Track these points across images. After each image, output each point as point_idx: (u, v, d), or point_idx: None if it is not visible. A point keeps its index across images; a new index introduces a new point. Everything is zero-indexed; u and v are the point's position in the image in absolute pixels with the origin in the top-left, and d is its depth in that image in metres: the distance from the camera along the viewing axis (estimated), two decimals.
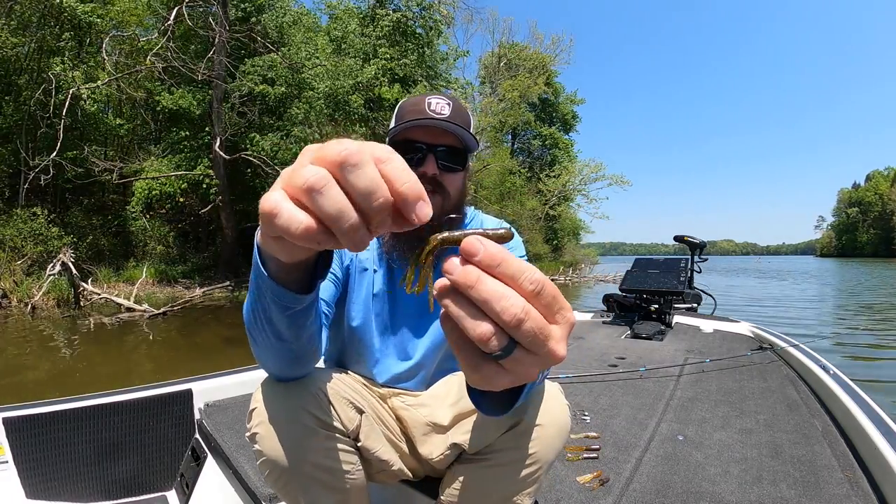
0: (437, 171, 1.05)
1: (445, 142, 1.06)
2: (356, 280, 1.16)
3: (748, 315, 10.12)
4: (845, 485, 1.45)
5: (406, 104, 1.09)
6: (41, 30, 13.74)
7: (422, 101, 1.06)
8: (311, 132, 14.22)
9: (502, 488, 1.02)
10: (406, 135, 1.06)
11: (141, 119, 16.95)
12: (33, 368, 6.02)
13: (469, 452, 1.03)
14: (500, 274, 0.37)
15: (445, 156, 1.07)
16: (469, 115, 1.11)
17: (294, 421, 0.87)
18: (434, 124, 1.04)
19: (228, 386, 2.21)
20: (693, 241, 5.32)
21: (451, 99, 1.08)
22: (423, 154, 1.06)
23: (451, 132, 1.05)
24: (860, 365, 5.98)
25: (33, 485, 1.74)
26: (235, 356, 6.62)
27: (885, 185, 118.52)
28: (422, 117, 1.04)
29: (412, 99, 1.09)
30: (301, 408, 0.87)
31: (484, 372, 0.40)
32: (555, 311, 0.38)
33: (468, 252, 0.37)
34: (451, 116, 1.05)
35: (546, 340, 0.37)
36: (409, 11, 19.60)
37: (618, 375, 2.70)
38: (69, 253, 10.97)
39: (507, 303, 0.35)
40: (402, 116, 1.08)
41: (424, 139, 1.06)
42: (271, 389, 0.90)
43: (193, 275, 15.40)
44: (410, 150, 1.06)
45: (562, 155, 38.65)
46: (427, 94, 1.08)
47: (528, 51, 34.37)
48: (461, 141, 1.08)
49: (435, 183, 1.06)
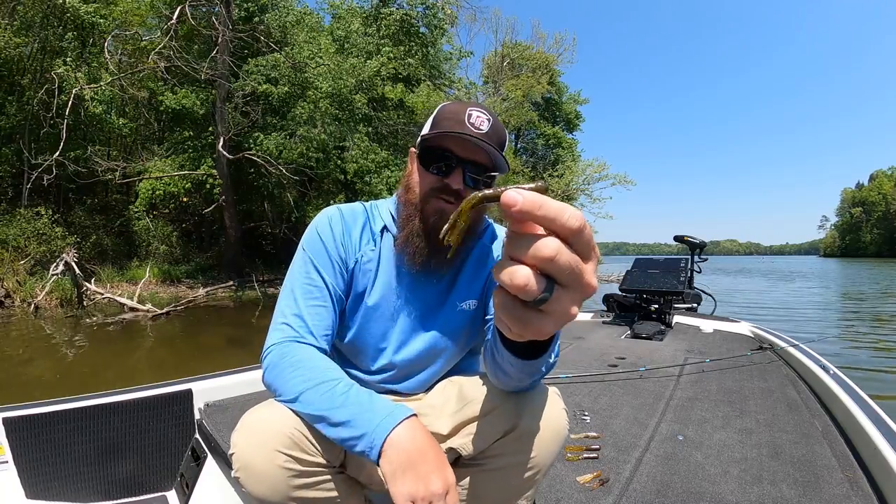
0: (461, 185, 1.04)
1: (477, 158, 1.04)
2: (360, 279, 1.14)
3: (749, 316, 10.10)
4: (845, 485, 1.45)
5: (447, 110, 1.07)
6: (44, 30, 13.76)
7: (463, 111, 1.03)
8: (318, 132, 14.22)
9: (498, 492, 1.02)
10: (440, 142, 1.05)
11: (144, 119, 16.98)
12: (36, 368, 6.04)
13: (466, 457, 1.02)
14: (542, 217, 0.40)
15: (473, 171, 1.05)
16: (506, 135, 1.09)
17: (272, 465, 0.85)
18: (471, 141, 1.01)
19: (228, 386, 2.22)
20: (693, 241, 5.31)
21: (492, 115, 1.06)
22: (452, 166, 1.04)
23: (484, 150, 1.03)
24: (861, 363, 5.97)
25: (33, 485, 1.75)
26: (239, 356, 6.64)
27: (888, 184, 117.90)
28: (460, 130, 1.01)
29: (454, 106, 1.07)
30: (277, 452, 0.85)
31: (532, 323, 0.45)
32: (592, 247, 0.43)
33: (508, 203, 0.40)
34: (488, 134, 1.02)
35: (582, 274, 0.42)
36: (413, 11, 19.59)
37: (618, 375, 2.70)
38: (72, 253, 11.02)
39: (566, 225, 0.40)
40: (440, 122, 1.06)
41: (457, 151, 1.04)
42: (247, 435, 0.88)
43: (197, 275, 15.44)
44: (440, 158, 1.05)
45: (565, 154, 38.50)
46: (470, 105, 1.05)
47: (531, 50, 34.31)
48: (492, 161, 1.05)
49: (458, 197, 1.04)
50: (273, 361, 0.97)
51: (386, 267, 1.14)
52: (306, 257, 1.09)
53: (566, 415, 1.04)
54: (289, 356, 0.96)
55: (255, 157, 13.87)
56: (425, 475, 0.77)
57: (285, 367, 0.94)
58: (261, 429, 0.88)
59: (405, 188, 1.12)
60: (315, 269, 1.07)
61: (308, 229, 1.13)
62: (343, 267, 1.11)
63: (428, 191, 1.06)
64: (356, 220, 1.15)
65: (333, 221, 1.12)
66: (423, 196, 1.07)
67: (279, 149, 13.91)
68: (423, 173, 1.08)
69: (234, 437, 0.89)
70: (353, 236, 1.13)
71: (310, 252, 1.09)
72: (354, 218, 1.16)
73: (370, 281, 1.14)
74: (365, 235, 1.15)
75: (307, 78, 14.21)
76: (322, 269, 1.08)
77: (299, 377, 0.91)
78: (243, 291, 14.28)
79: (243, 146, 14.45)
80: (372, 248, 1.14)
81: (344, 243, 1.11)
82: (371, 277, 1.14)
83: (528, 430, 0.98)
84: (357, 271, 1.13)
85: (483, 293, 1.20)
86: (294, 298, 1.05)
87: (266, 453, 0.85)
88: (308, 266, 1.08)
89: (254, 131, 14.42)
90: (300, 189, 17.46)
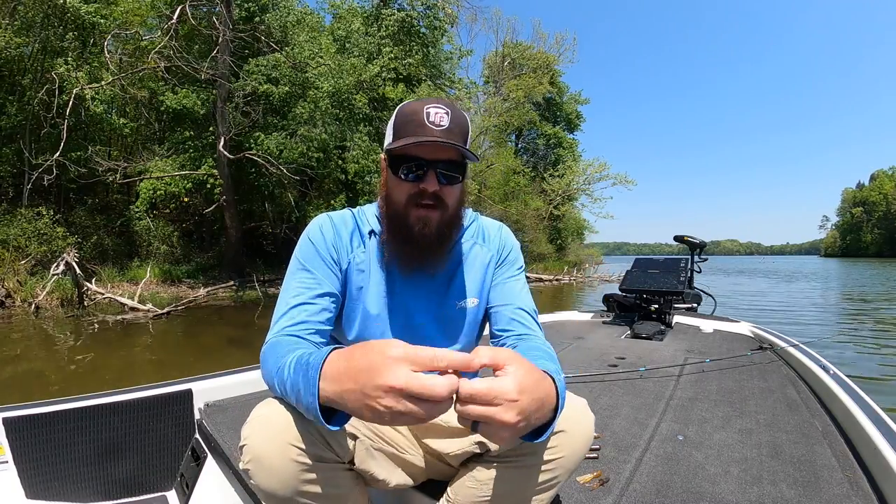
0: (437, 186, 1.06)
1: (445, 156, 1.06)
2: (354, 282, 1.16)
3: (750, 317, 10.08)
4: (845, 485, 1.45)
5: (405, 112, 1.07)
6: (45, 30, 13.76)
7: (420, 111, 1.04)
8: (318, 132, 14.22)
9: (523, 489, 1.02)
10: (405, 150, 1.05)
11: (145, 119, 16.98)
12: (36, 368, 6.05)
13: (494, 453, 1.04)
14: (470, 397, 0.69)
15: (445, 170, 1.07)
16: (468, 122, 1.11)
17: (284, 458, 0.85)
18: (433, 143, 1.03)
19: (228, 386, 2.22)
20: (693, 241, 5.30)
21: (449, 106, 1.07)
22: (423, 170, 1.06)
23: (450, 148, 1.05)
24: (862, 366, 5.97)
25: (33, 485, 1.75)
26: (239, 356, 6.64)
27: (889, 184, 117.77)
28: (422, 137, 1.02)
29: (410, 106, 1.07)
30: (290, 445, 0.85)
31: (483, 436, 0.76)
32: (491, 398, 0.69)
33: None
34: (450, 127, 1.04)
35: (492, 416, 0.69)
36: (414, 11, 19.61)
37: (617, 375, 2.69)
38: (73, 252, 11.01)
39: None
40: (401, 126, 1.06)
41: (424, 155, 1.05)
42: (260, 428, 0.88)
43: (197, 274, 15.44)
44: (410, 166, 1.06)
45: (566, 154, 38.55)
46: (426, 102, 1.06)
47: (532, 50, 34.31)
48: (461, 154, 1.07)
49: (436, 198, 1.07)
50: (261, 358, 0.99)
51: (379, 270, 1.17)
52: (298, 263, 1.12)
53: (593, 420, 1.05)
54: (268, 351, 0.97)
55: (255, 156, 13.89)
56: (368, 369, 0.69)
57: (267, 359, 0.96)
58: (273, 421, 0.87)
59: (383, 199, 1.15)
60: (306, 271, 1.10)
61: (300, 239, 1.16)
62: (336, 266, 1.13)
63: (406, 199, 1.08)
64: (346, 225, 1.18)
65: (324, 227, 1.15)
66: (403, 206, 1.09)
67: (280, 149, 13.92)
68: (397, 182, 1.09)
69: (244, 430, 0.88)
70: (344, 239, 1.16)
71: (301, 258, 1.12)
72: (344, 222, 1.19)
73: (365, 284, 1.16)
74: (355, 239, 1.18)
75: (308, 78, 14.21)
76: (313, 268, 1.10)
77: (273, 366, 0.91)
78: (244, 291, 14.29)
79: (244, 146, 14.47)
80: (363, 252, 1.17)
81: (335, 245, 1.14)
82: (366, 280, 1.16)
83: (562, 433, 0.99)
84: (351, 273, 1.15)
85: (481, 291, 1.23)
86: (285, 299, 1.07)
87: (278, 446, 0.85)
88: (299, 270, 1.11)
89: (254, 131, 14.45)
90: (301, 189, 17.49)
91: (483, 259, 1.25)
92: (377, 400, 0.66)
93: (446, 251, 1.17)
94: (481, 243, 1.26)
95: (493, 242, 1.28)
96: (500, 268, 1.27)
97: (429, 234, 1.09)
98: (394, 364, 0.66)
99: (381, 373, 0.66)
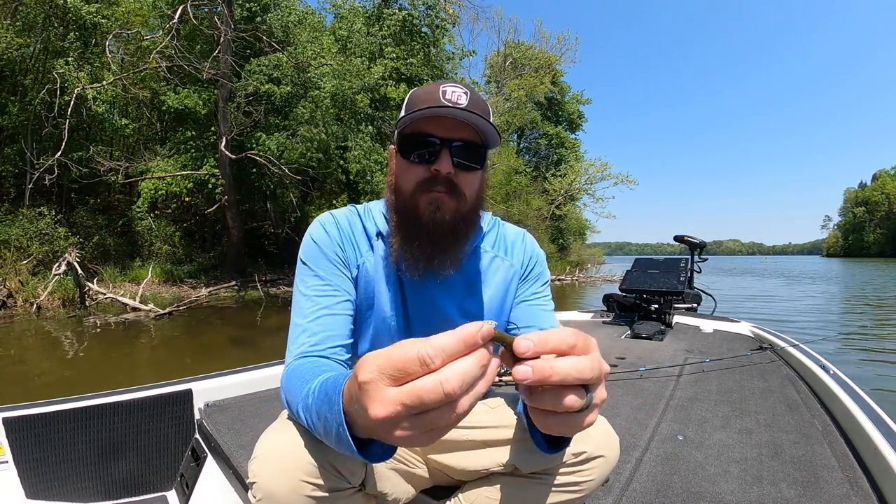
0: (451, 168, 0.94)
1: (462, 136, 0.94)
2: (364, 287, 1.07)
3: (750, 317, 10.06)
4: (845, 485, 1.45)
5: (418, 93, 0.97)
6: (46, 30, 13.79)
7: (436, 90, 0.93)
8: (318, 132, 14.22)
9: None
10: (417, 126, 0.94)
11: (146, 119, 17.00)
12: (37, 368, 6.06)
13: (523, 472, 1.03)
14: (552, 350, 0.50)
15: (461, 152, 0.95)
16: (489, 106, 0.99)
17: (297, 495, 0.81)
18: (450, 114, 0.91)
19: (228, 386, 2.22)
20: (693, 241, 5.30)
21: (468, 88, 0.95)
22: (436, 149, 0.94)
23: (469, 123, 0.93)
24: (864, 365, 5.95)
25: (33, 485, 1.75)
26: (241, 356, 6.66)
27: (891, 184, 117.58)
28: (436, 105, 0.90)
29: (425, 87, 0.96)
30: (301, 481, 0.81)
31: (577, 423, 0.54)
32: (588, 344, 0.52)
33: (519, 352, 0.49)
34: (468, 107, 0.91)
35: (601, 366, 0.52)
36: (416, 10, 19.59)
37: (618, 375, 2.69)
38: (75, 253, 11.04)
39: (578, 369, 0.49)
40: (414, 105, 0.95)
41: (438, 132, 0.93)
42: (269, 463, 0.83)
43: (199, 274, 15.44)
44: (422, 144, 0.94)
45: (568, 154, 38.54)
46: (441, 82, 0.94)
47: (533, 50, 34.33)
48: (480, 135, 0.96)
49: (449, 183, 0.95)
50: (283, 384, 0.90)
51: (388, 274, 1.06)
52: (305, 268, 1.03)
53: (618, 443, 1.05)
54: (293, 374, 0.88)
55: (257, 156, 13.88)
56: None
57: (291, 387, 0.86)
58: (282, 455, 0.83)
59: (391, 191, 1.04)
60: (316, 276, 1.01)
61: (303, 239, 1.06)
62: (345, 267, 1.04)
63: (415, 186, 0.97)
64: (351, 223, 1.08)
65: (328, 226, 1.06)
66: (411, 193, 0.97)
67: (281, 149, 13.92)
68: (407, 166, 0.98)
69: (252, 466, 0.84)
70: (350, 239, 1.06)
71: (308, 261, 1.03)
72: (349, 221, 1.08)
73: (375, 290, 1.06)
74: (361, 241, 1.07)
75: (310, 78, 14.22)
76: (323, 273, 1.01)
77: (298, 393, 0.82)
78: (246, 291, 14.31)
79: (245, 146, 14.46)
80: (371, 255, 1.07)
81: (342, 244, 1.04)
82: (375, 286, 1.06)
83: (593, 457, 0.99)
84: (360, 278, 1.06)
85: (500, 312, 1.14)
86: (301, 313, 0.99)
87: (289, 482, 0.81)
88: (308, 276, 1.02)
89: (256, 131, 14.44)
90: (302, 189, 17.48)
91: (505, 275, 1.13)
92: (389, 434, 0.49)
93: (461, 250, 1.04)
94: (503, 256, 1.14)
95: (517, 255, 1.15)
96: (524, 282, 1.15)
97: (441, 220, 0.96)
98: (371, 390, 0.48)
99: (364, 406, 0.49)
